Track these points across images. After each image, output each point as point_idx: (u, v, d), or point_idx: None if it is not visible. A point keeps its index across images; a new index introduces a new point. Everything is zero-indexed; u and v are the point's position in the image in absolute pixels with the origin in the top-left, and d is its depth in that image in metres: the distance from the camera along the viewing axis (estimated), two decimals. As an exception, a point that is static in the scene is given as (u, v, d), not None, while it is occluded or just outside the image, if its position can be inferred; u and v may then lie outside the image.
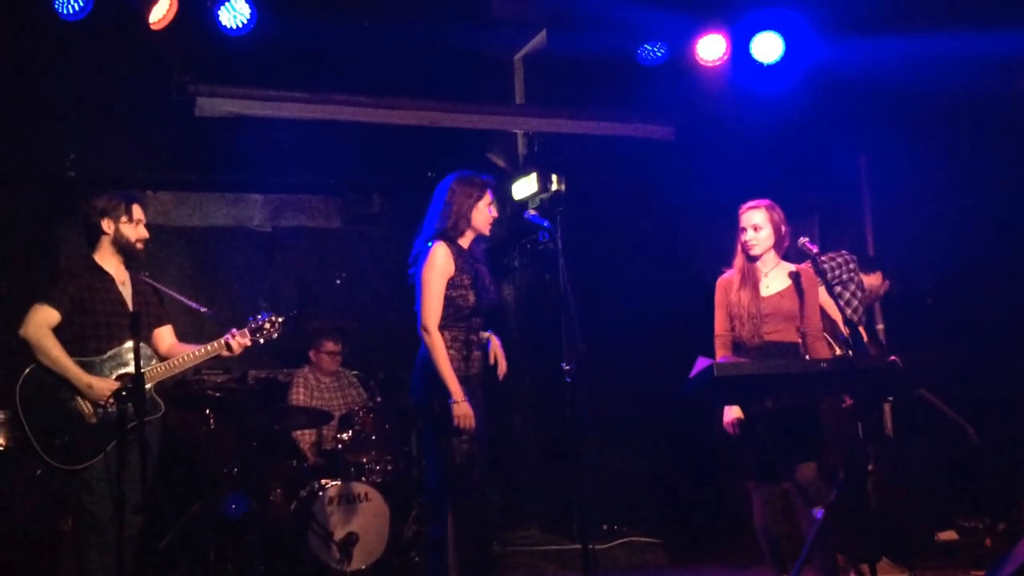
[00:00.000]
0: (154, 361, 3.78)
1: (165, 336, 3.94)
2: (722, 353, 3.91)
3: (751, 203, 3.96)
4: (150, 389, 3.72)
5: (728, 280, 3.99)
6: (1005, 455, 4.97)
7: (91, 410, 3.63)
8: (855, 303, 4.76)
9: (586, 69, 5.72)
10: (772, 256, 3.95)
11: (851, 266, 4.81)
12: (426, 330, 3.69)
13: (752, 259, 3.94)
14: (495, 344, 3.91)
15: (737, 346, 3.92)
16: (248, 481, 4.63)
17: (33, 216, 5.92)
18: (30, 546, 4.60)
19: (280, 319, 3.93)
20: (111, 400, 3.60)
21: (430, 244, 3.77)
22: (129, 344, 3.65)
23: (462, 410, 3.64)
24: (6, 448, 4.59)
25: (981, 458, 4.88)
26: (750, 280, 3.91)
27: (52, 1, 4.33)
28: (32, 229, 5.91)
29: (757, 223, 3.90)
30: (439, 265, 3.72)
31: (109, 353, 3.71)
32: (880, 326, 5.43)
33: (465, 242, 3.84)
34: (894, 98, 5.33)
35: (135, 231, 3.80)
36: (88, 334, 3.69)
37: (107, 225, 3.77)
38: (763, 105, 5.49)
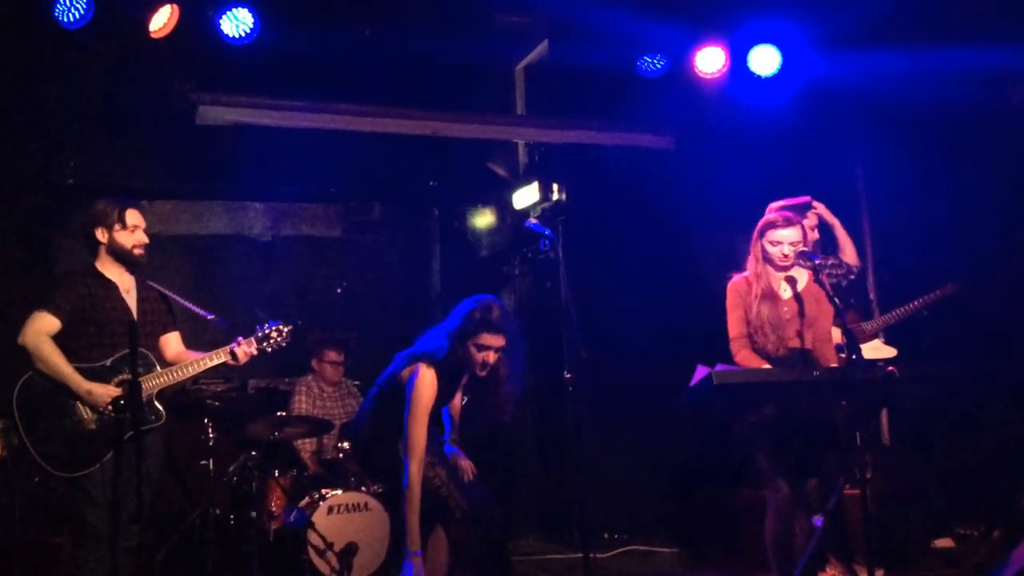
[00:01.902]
0: (157, 369, 3.75)
1: (172, 343, 3.92)
2: (744, 354, 3.88)
3: (783, 217, 3.87)
4: (151, 397, 3.70)
5: (740, 284, 3.95)
6: (1002, 463, 4.99)
7: (90, 417, 3.61)
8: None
9: (586, 80, 5.75)
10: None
11: (832, 268, 4.82)
12: (410, 473, 3.64)
13: (781, 270, 3.90)
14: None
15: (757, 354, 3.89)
16: (247, 490, 4.61)
17: (32, 223, 5.91)
18: (27, 555, 4.56)
19: (288, 328, 3.91)
20: (110, 407, 3.58)
21: (421, 367, 3.71)
22: (134, 351, 3.64)
23: (414, 562, 3.59)
24: (2, 458, 4.55)
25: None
26: (769, 290, 3.88)
27: (53, 9, 4.32)
28: (31, 236, 5.89)
29: (795, 240, 3.84)
30: (426, 398, 3.69)
31: (113, 360, 3.69)
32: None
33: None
34: (890, 110, 5.39)
35: (131, 238, 3.75)
36: (92, 342, 3.68)
37: (101, 234, 3.74)
38: (761, 116, 5.54)
